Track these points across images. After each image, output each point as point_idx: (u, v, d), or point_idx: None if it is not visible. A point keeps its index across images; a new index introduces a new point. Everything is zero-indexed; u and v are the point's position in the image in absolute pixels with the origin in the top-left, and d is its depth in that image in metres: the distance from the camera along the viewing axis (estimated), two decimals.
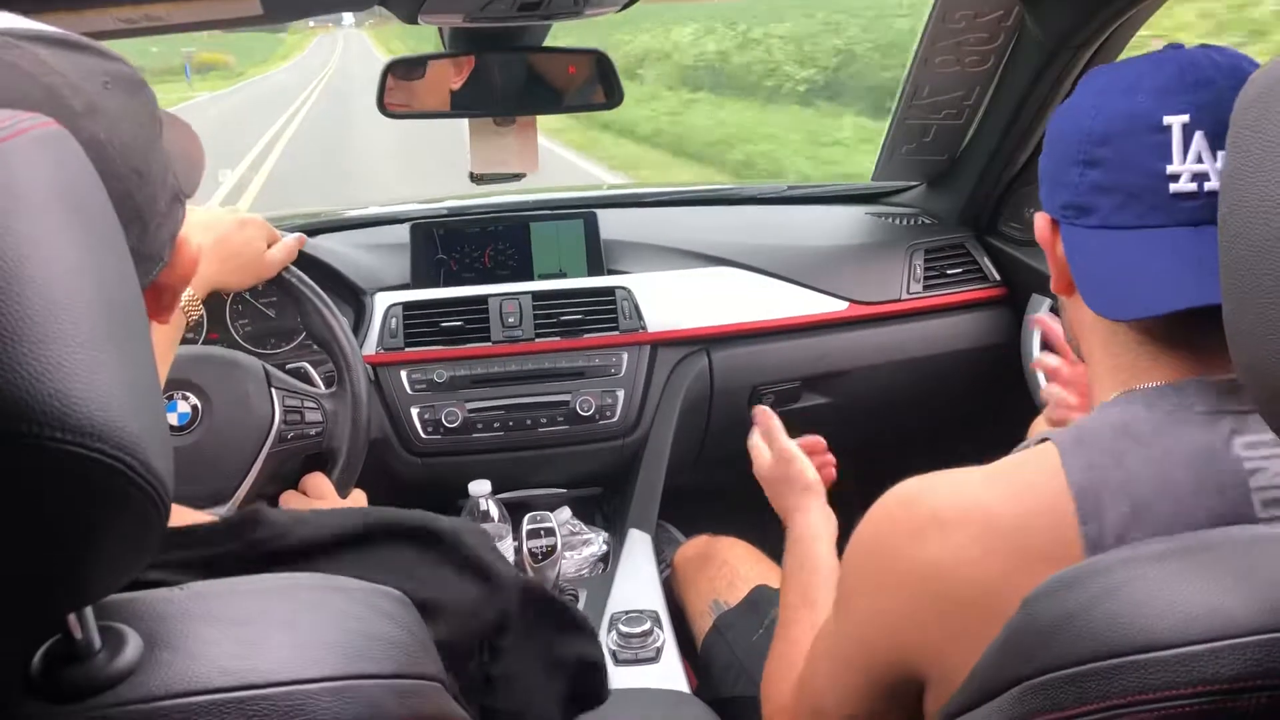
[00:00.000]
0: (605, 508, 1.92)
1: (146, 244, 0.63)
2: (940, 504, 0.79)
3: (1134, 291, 0.78)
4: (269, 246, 1.36)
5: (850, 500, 2.36)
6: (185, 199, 0.70)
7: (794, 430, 2.02)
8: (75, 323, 0.46)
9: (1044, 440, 0.79)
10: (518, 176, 1.74)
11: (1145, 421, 0.76)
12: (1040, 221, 0.88)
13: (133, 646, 0.53)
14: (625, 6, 1.37)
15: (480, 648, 0.75)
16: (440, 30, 1.50)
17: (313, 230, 1.95)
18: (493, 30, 1.46)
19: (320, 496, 1.31)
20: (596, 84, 1.51)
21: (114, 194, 0.55)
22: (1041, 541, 0.73)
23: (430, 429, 1.75)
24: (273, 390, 1.41)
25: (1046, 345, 1.85)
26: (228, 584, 0.61)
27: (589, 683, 0.90)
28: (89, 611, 0.52)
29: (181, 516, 0.68)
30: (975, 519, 0.76)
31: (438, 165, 8.23)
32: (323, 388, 1.50)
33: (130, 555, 0.51)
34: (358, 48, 47.78)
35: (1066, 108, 0.86)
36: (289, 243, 1.39)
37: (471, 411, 1.76)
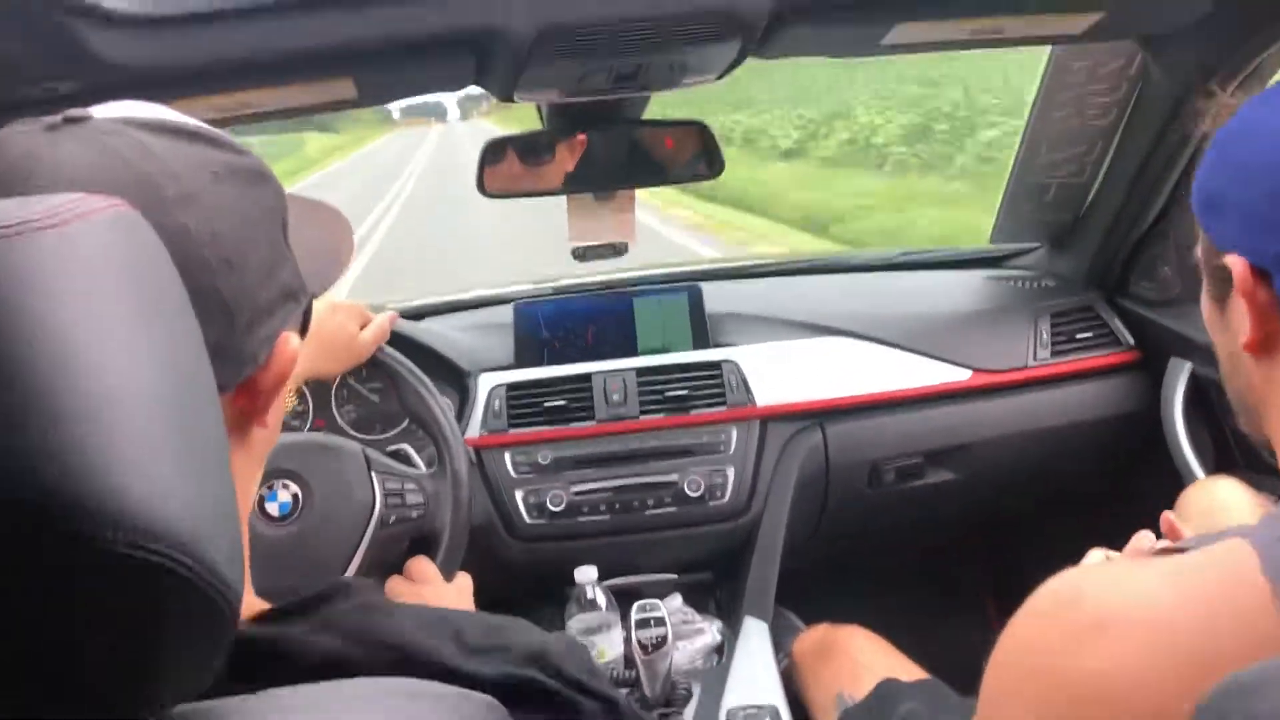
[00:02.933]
0: (718, 594, 1.84)
1: (235, 340, 0.60)
2: (1105, 603, 0.68)
3: None
4: (361, 329, 1.35)
5: (980, 583, 2.25)
6: (308, 297, 0.67)
7: (916, 507, 1.92)
8: (131, 413, 0.43)
9: (1230, 537, 0.67)
10: (620, 251, 1.70)
11: None
12: (1239, 267, 0.72)
13: None
14: (722, 75, 1.33)
15: None
16: (538, 107, 1.49)
17: (414, 315, 1.94)
18: (590, 105, 1.43)
19: (424, 580, 1.28)
20: (697, 154, 1.48)
21: (196, 285, 0.53)
22: (1232, 647, 0.62)
23: (535, 513, 1.70)
24: (373, 474, 1.39)
25: (1191, 411, 1.73)
26: (306, 690, 0.56)
27: None
28: None
29: None
30: (1147, 622, 0.66)
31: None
32: (424, 469, 1.47)
33: (198, 661, 0.49)
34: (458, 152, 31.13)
35: (1270, 128, 0.71)
36: (381, 322, 1.38)
37: (577, 494, 1.71)
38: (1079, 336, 1.87)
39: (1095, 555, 1.06)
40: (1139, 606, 0.67)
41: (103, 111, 0.60)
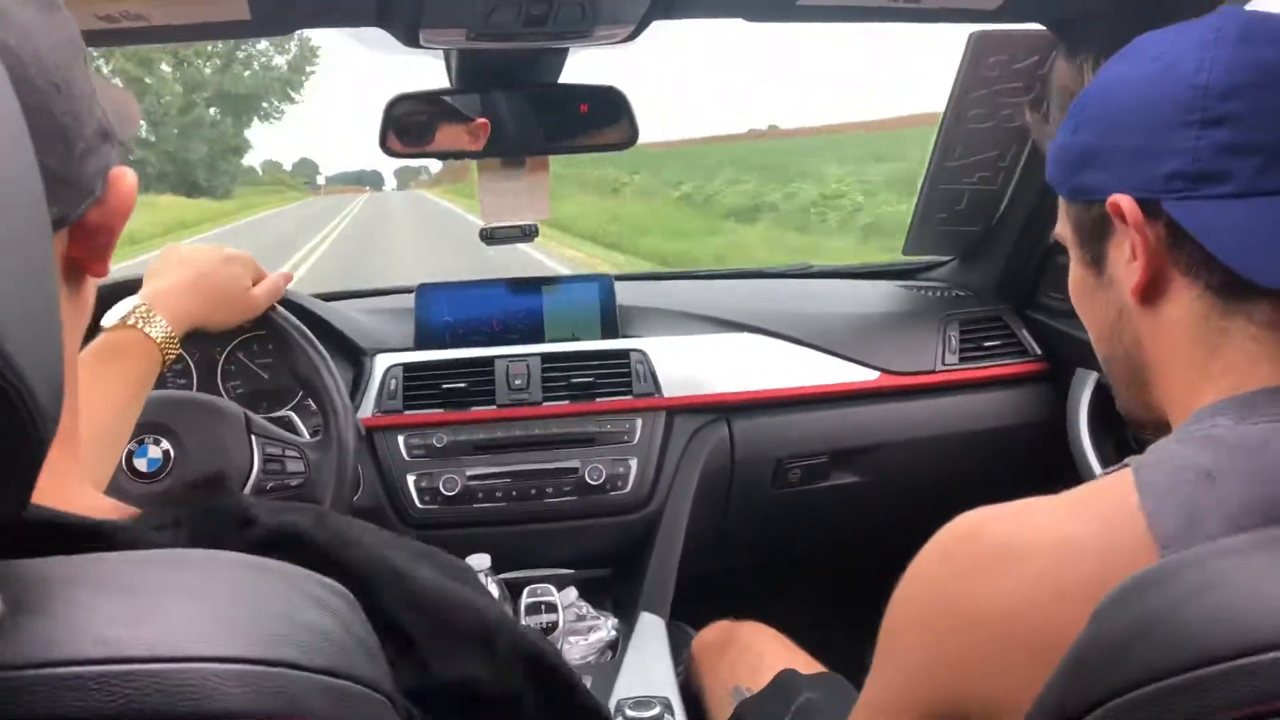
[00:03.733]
0: (616, 591, 1.77)
1: (71, 168, 0.55)
2: (1009, 534, 0.67)
3: None
4: (254, 284, 1.28)
5: (877, 589, 2.22)
6: (118, 142, 0.62)
7: (820, 511, 1.88)
8: None
9: (1122, 467, 0.67)
10: (528, 234, 1.65)
11: (1253, 434, 0.63)
12: (1127, 204, 0.71)
13: None
14: (635, 35, 1.30)
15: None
16: (447, 63, 1.44)
17: (321, 297, 1.87)
18: (501, 64, 1.39)
19: None
20: (612, 121, 1.43)
21: (27, 104, 0.47)
22: (1118, 570, 0.60)
23: (427, 498, 1.62)
24: (252, 437, 1.31)
25: (1096, 421, 1.74)
26: (127, 554, 0.50)
27: None
28: None
29: None
30: (1050, 549, 0.65)
31: None
32: (308, 437, 1.39)
33: None
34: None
35: (1135, 74, 0.74)
36: (275, 279, 1.30)
37: (472, 479, 1.63)
38: (987, 345, 1.87)
39: None
40: (1037, 533, 0.66)
41: None
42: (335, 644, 0.50)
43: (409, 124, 1.43)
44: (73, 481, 0.58)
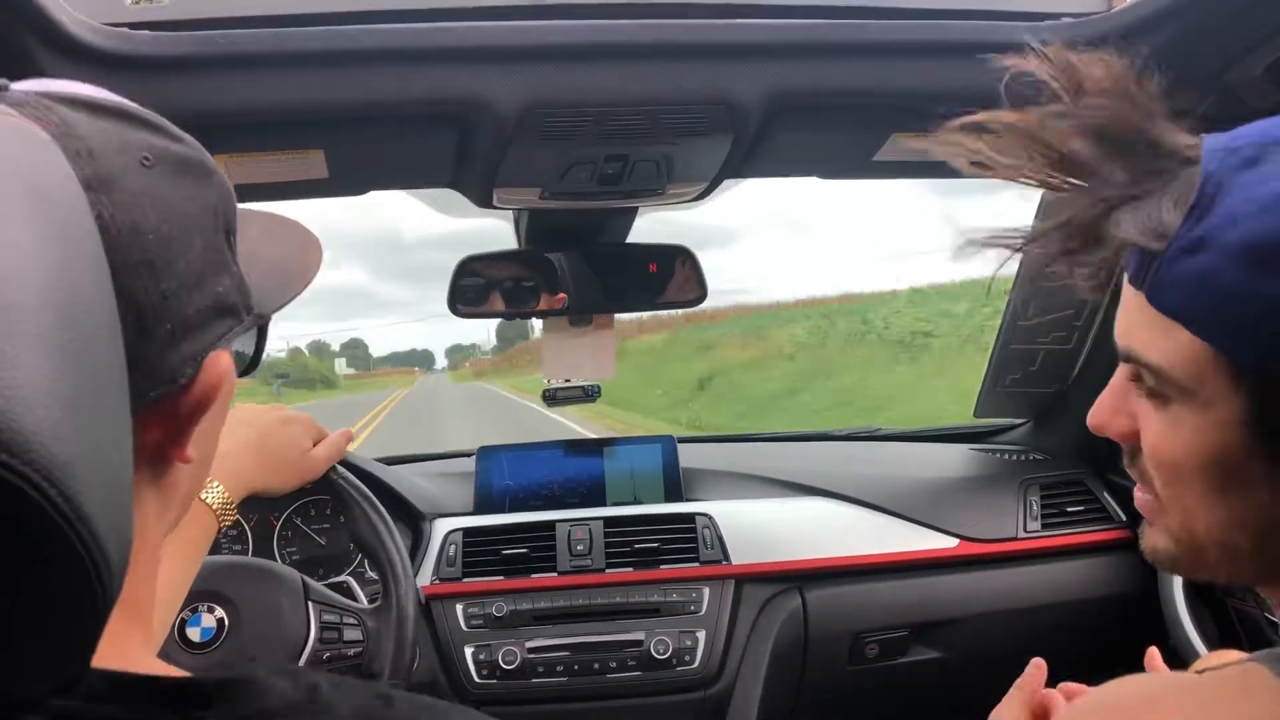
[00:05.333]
0: None
1: (149, 354, 0.50)
2: None
3: None
4: (314, 445, 1.25)
5: None
6: (254, 316, 0.58)
7: (900, 690, 1.76)
8: (15, 315, 0.36)
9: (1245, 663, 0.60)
10: (590, 396, 1.63)
11: None
12: None
13: None
14: (707, 193, 1.30)
15: None
16: (516, 227, 1.44)
17: (382, 461, 1.84)
18: (571, 222, 1.39)
19: None
20: (681, 280, 1.42)
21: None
22: None
23: (485, 671, 1.54)
24: (309, 603, 1.25)
25: (1191, 593, 1.63)
26: None
27: None
28: None
29: None
30: None
31: None
32: (365, 604, 1.33)
33: (54, 640, 0.38)
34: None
35: None
36: (336, 439, 1.27)
37: (532, 652, 1.55)
38: (1069, 510, 1.78)
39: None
40: None
41: (24, 85, 0.53)
42: None
43: (477, 285, 1.43)
44: (136, 650, 0.53)
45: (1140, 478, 0.68)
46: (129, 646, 0.52)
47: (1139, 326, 0.62)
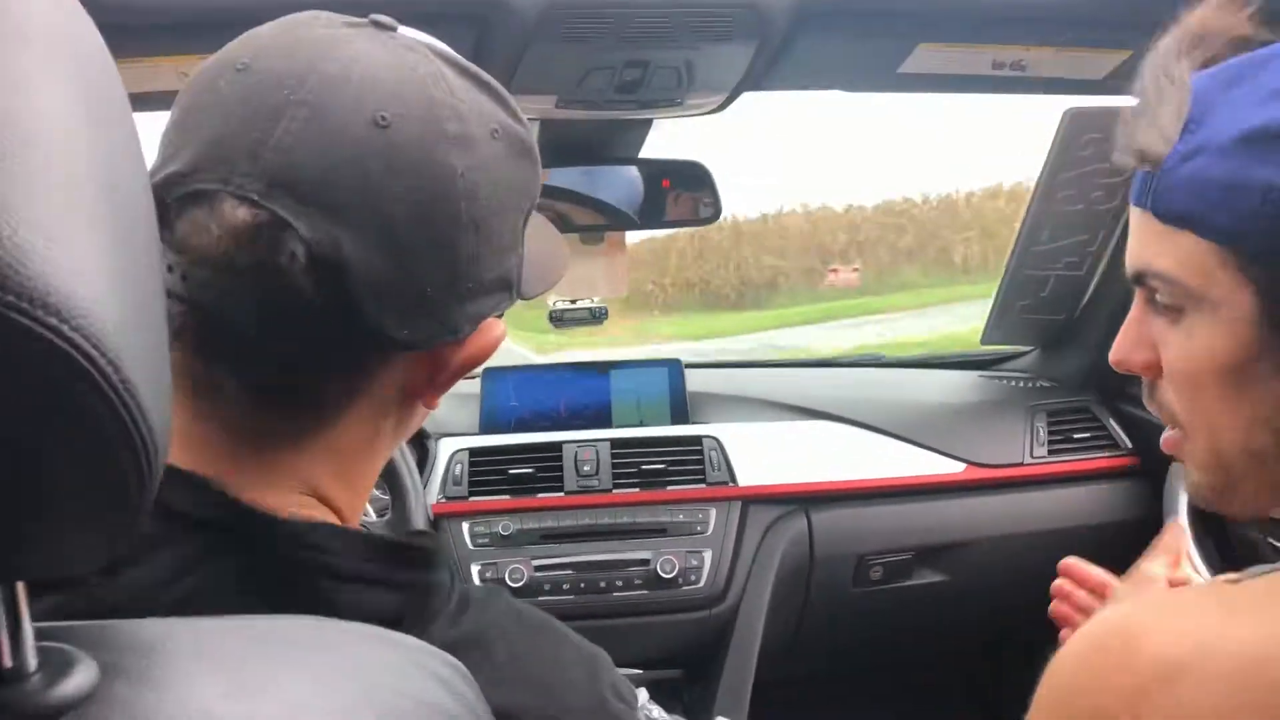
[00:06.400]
0: (688, 695, 1.66)
1: (445, 304, 0.55)
2: (1166, 645, 0.56)
3: None
4: None
5: (964, 695, 2.09)
6: (518, 295, 0.63)
7: (904, 612, 1.78)
8: (52, 166, 0.34)
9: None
10: (598, 317, 1.61)
11: None
12: None
13: (83, 674, 0.38)
14: (724, 105, 1.27)
15: None
16: None
17: None
18: (583, 138, 1.36)
19: None
20: (695, 196, 1.40)
21: (437, 233, 0.53)
22: None
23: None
24: None
25: (1196, 519, 1.63)
26: (233, 621, 0.46)
27: None
28: (27, 626, 0.37)
29: None
30: (1220, 663, 0.54)
31: None
32: (374, 518, 1.32)
33: (87, 508, 0.37)
34: None
35: None
36: None
37: (538, 570, 1.55)
38: (1076, 437, 1.78)
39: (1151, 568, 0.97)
40: (1214, 644, 0.55)
41: (408, 30, 0.58)
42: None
43: None
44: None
45: (1161, 412, 0.70)
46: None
47: (1146, 245, 0.65)
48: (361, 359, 0.55)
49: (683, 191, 1.40)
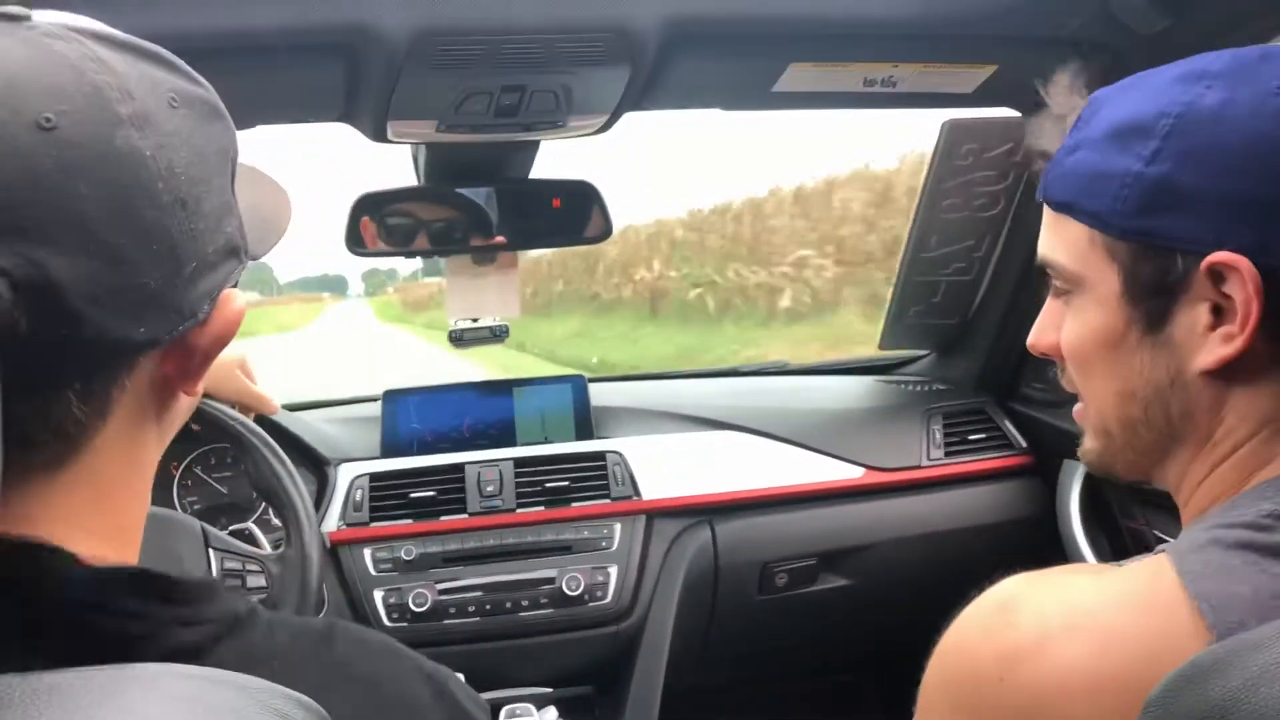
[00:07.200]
0: (599, 710, 1.67)
1: (176, 289, 0.52)
2: (1041, 612, 0.61)
3: None
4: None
5: (869, 698, 2.12)
6: (247, 256, 0.60)
7: (809, 617, 1.80)
8: None
9: (1154, 553, 0.63)
10: (498, 335, 1.61)
11: None
12: (1245, 269, 0.60)
13: None
14: (607, 126, 1.28)
15: None
16: (415, 161, 1.40)
17: (285, 408, 1.80)
18: (471, 158, 1.35)
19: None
20: (585, 216, 1.40)
21: (145, 223, 0.49)
22: (1174, 663, 0.54)
23: (395, 615, 1.53)
24: (210, 550, 1.22)
25: (1088, 513, 1.69)
26: (72, 672, 0.45)
27: None
28: None
29: None
30: (1090, 627, 0.59)
31: None
32: (269, 550, 1.30)
33: None
34: None
35: (1260, 107, 0.62)
36: (265, 393, 1.26)
37: (443, 593, 1.54)
38: (971, 438, 1.82)
39: None
40: (1086, 610, 0.60)
41: (43, 15, 0.53)
42: None
43: (377, 222, 1.39)
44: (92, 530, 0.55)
45: (1069, 387, 0.76)
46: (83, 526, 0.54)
47: (1045, 235, 0.72)
48: (103, 370, 0.51)
49: (574, 210, 1.40)
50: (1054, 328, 0.74)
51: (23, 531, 0.50)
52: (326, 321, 38.99)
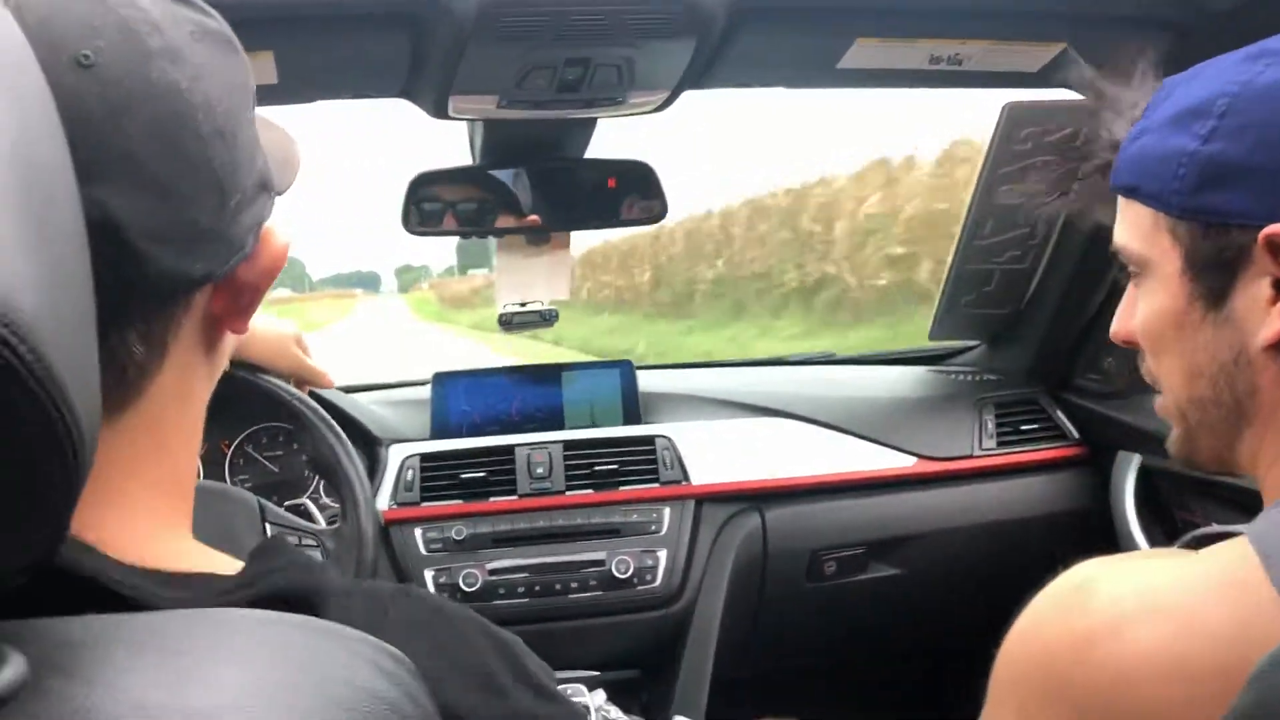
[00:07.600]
0: (647, 695, 1.66)
1: (223, 223, 0.52)
2: (1117, 595, 0.60)
3: None
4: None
5: (919, 688, 2.10)
6: (275, 193, 0.60)
7: (858, 606, 1.79)
8: None
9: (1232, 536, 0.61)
10: (548, 320, 1.61)
11: None
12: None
13: (11, 669, 0.37)
14: (666, 104, 1.27)
15: None
16: (471, 143, 1.40)
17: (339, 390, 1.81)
18: (528, 137, 1.35)
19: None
20: (641, 197, 1.40)
21: (188, 156, 0.49)
22: (1261, 648, 0.53)
23: (445, 594, 1.53)
24: (266, 525, 1.23)
25: (1143, 506, 1.66)
26: (164, 615, 0.46)
27: None
28: None
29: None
30: (1169, 610, 0.58)
31: None
32: (324, 525, 1.31)
33: (25, 508, 0.37)
34: None
35: None
36: (319, 366, 1.26)
37: (493, 574, 1.54)
38: (1024, 429, 1.80)
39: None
40: (1166, 596, 0.59)
41: None
42: (399, 714, 0.46)
43: (432, 202, 1.39)
44: (173, 531, 0.56)
45: (1148, 378, 0.76)
46: (178, 536, 0.57)
47: (1119, 222, 0.73)
48: (163, 310, 0.52)
49: (629, 192, 1.40)
50: (1131, 315, 0.75)
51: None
52: (359, 318, 38.31)
